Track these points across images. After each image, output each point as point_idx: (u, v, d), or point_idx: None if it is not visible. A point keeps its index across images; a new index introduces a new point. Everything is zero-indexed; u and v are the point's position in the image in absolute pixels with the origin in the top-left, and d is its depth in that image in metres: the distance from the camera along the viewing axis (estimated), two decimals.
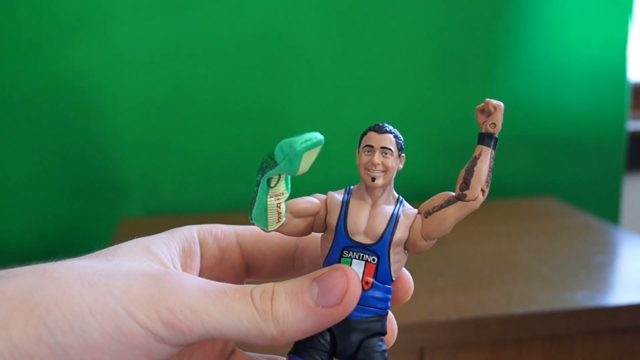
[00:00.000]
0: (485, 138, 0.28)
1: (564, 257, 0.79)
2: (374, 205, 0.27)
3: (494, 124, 0.28)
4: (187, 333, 0.22)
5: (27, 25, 0.92)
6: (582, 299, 0.66)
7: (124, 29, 0.94)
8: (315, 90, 1.01)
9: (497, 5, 1.04)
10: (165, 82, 0.97)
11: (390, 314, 0.28)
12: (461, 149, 1.08)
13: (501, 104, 0.28)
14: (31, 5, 0.92)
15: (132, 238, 0.28)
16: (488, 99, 0.28)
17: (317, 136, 0.24)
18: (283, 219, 0.26)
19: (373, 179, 0.27)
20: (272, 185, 0.25)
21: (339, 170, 1.05)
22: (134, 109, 0.97)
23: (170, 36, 0.96)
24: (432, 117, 1.06)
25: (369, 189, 0.27)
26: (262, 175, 0.25)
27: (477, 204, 0.27)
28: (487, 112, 0.28)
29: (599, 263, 0.77)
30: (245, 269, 0.30)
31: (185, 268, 0.28)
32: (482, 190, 0.27)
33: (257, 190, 0.25)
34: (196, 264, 0.29)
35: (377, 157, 0.27)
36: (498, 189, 1.12)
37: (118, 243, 0.27)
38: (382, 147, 0.27)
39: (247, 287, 0.24)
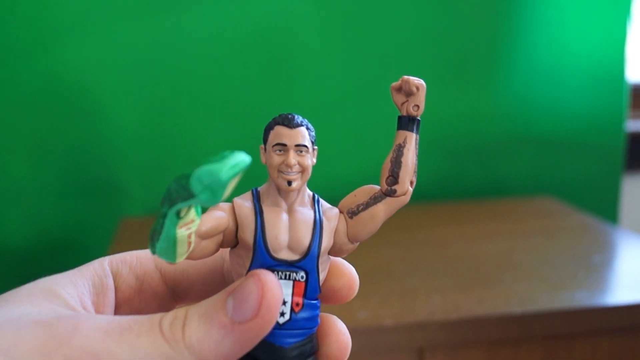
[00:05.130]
0: (408, 122, 0.24)
1: (563, 256, 0.80)
2: (290, 210, 0.24)
3: (417, 106, 0.24)
4: None
5: (27, 25, 0.93)
6: (581, 299, 0.67)
7: (124, 28, 0.95)
8: (315, 90, 1.02)
9: (497, 5, 1.04)
10: (165, 82, 0.98)
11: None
12: (461, 149, 1.09)
13: (423, 83, 0.24)
14: (32, 5, 0.92)
15: (132, 238, 0.27)
16: (407, 77, 0.24)
17: (243, 159, 0.20)
18: (192, 247, 0.22)
19: (289, 183, 0.23)
20: (181, 215, 0.21)
21: (338, 171, 1.05)
22: (135, 109, 0.98)
23: (170, 35, 0.96)
24: (432, 118, 1.06)
25: (283, 193, 0.24)
26: (170, 207, 0.21)
27: (407, 199, 0.24)
28: (407, 92, 0.24)
29: (598, 263, 0.77)
30: (170, 294, 0.27)
31: (98, 306, 0.25)
32: (411, 182, 0.24)
33: (163, 222, 0.21)
34: (110, 299, 0.25)
35: (292, 157, 0.23)
36: (497, 188, 1.12)
37: (119, 242, 0.26)
38: (296, 145, 0.23)
39: (155, 317, 0.21)
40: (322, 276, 0.24)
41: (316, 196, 0.24)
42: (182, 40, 0.97)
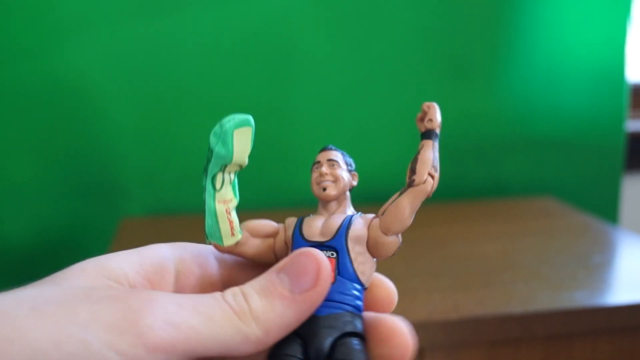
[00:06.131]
0: (424, 134, 0.28)
1: (563, 256, 0.80)
2: (329, 216, 0.27)
3: (430, 120, 0.28)
4: (170, 352, 0.20)
5: (27, 25, 0.93)
6: (581, 299, 0.67)
7: (123, 28, 0.95)
8: (316, 89, 1.02)
9: (497, 5, 1.04)
10: (165, 82, 0.98)
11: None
12: (461, 149, 1.09)
13: (434, 103, 0.28)
14: (31, 5, 0.92)
15: (133, 238, 0.26)
16: (423, 104, 0.28)
17: (246, 115, 0.24)
18: (238, 235, 0.25)
19: (324, 189, 0.27)
20: (217, 186, 0.24)
21: None
22: (135, 109, 0.98)
23: (170, 35, 0.96)
24: None
25: (324, 203, 0.27)
26: (206, 176, 0.24)
27: (427, 187, 0.26)
28: (423, 114, 0.28)
29: (598, 263, 0.77)
30: (223, 285, 0.28)
31: (153, 286, 0.25)
32: (431, 175, 0.27)
33: (205, 196, 0.24)
34: (168, 282, 0.25)
35: (325, 168, 0.27)
36: (497, 188, 1.12)
37: (119, 242, 0.25)
38: (328, 160, 0.27)
39: (216, 294, 0.22)
40: (359, 266, 0.26)
41: (359, 212, 0.27)
42: (182, 41, 0.97)
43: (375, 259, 0.27)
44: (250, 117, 0.24)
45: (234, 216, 0.25)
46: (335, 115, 1.03)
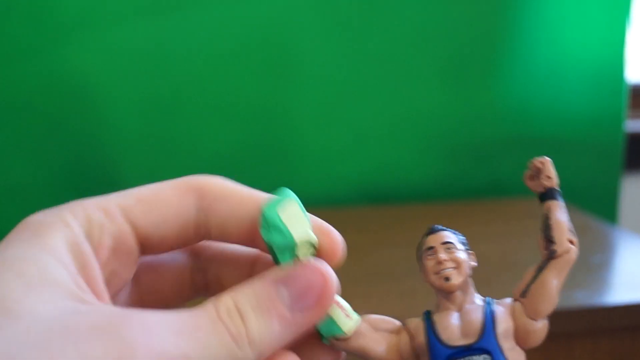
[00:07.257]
0: (546, 194, 0.26)
1: None
2: (460, 309, 0.24)
3: (548, 177, 0.25)
4: None
5: (26, 26, 0.93)
6: (581, 299, 0.67)
7: (123, 29, 0.95)
8: (316, 90, 1.02)
9: (497, 6, 1.04)
10: (165, 83, 0.98)
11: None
12: (461, 149, 1.09)
13: (546, 158, 0.25)
14: (31, 6, 0.92)
15: None
16: (532, 160, 0.25)
17: (282, 193, 0.22)
18: (354, 315, 0.23)
19: (447, 279, 0.23)
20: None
21: (339, 170, 1.05)
22: (134, 110, 0.98)
23: (170, 36, 0.96)
24: (431, 118, 1.06)
25: (447, 295, 0.24)
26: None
27: (572, 256, 0.24)
28: (535, 171, 0.26)
29: (598, 263, 0.77)
30: (140, 249, 0.24)
31: (89, 281, 0.21)
32: (571, 241, 0.24)
33: None
34: (96, 270, 0.21)
35: (443, 254, 0.24)
36: (497, 188, 1.12)
37: None
38: (442, 243, 0.24)
39: (211, 310, 0.20)
40: None
41: (488, 298, 0.24)
42: (184, 41, 0.97)
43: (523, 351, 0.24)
44: (284, 190, 0.22)
45: (339, 298, 0.23)
46: (335, 115, 1.03)
